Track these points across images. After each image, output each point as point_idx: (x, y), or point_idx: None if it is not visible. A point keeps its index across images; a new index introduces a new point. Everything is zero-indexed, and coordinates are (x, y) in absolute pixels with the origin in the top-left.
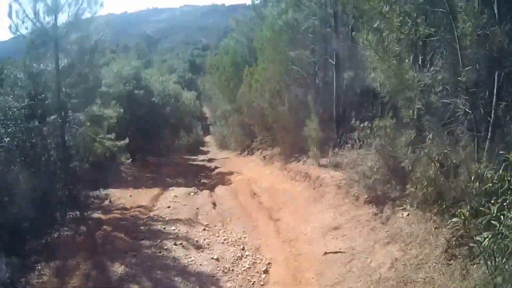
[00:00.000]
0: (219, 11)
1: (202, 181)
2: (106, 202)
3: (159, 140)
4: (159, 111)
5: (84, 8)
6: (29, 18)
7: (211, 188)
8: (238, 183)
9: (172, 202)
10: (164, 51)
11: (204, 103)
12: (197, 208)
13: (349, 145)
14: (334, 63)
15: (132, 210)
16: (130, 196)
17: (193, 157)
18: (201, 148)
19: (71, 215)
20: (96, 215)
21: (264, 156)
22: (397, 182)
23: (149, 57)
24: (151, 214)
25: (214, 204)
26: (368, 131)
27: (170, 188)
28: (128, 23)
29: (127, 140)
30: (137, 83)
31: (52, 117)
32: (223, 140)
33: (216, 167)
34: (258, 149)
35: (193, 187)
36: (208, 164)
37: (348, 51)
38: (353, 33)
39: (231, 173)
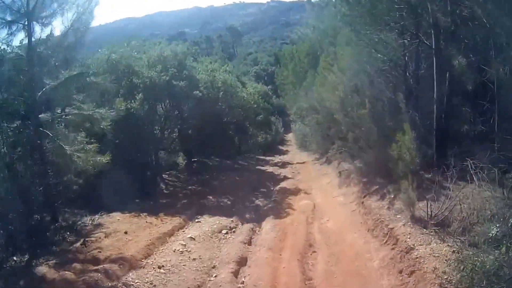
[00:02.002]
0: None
1: (256, 202)
2: (78, 244)
3: (224, 140)
4: (208, 106)
5: None
6: None
7: (260, 220)
8: (298, 216)
9: (178, 252)
10: (250, 45)
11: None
12: (213, 268)
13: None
14: (433, 46)
15: (103, 265)
16: (126, 233)
17: (268, 158)
18: (280, 147)
19: (14, 262)
20: (44, 269)
21: (340, 172)
22: None
23: (233, 49)
24: (125, 279)
25: (241, 264)
26: None
27: (198, 219)
28: (214, 17)
29: (108, 156)
30: (179, 72)
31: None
32: (304, 139)
33: (284, 177)
34: (336, 159)
35: (234, 217)
36: (278, 172)
37: (455, 25)
38: None
39: (297, 191)
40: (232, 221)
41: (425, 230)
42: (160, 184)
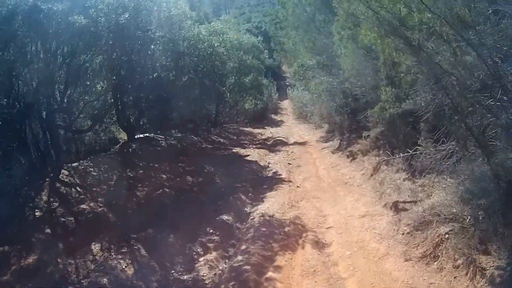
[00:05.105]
0: None
1: (198, 268)
2: None
3: (186, 108)
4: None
5: None
6: None
7: None
8: None
9: None
10: (244, 7)
11: (280, 57)
12: None
13: None
14: None
15: None
16: None
17: (256, 131)
18: (273, 116)
19: None
20: None
21: (395, 205)
22: None
23: (224, 10)
24: None
25: None
26: None
27: None
28: None
29: None
30: None
31: None
32: (303, 109)
33: (274, 178)
34: (368, 155)
35: None
36: (265, 161)
37: None
38: None
39: (297, 233)
40: None
41: None
42: (40, 195)
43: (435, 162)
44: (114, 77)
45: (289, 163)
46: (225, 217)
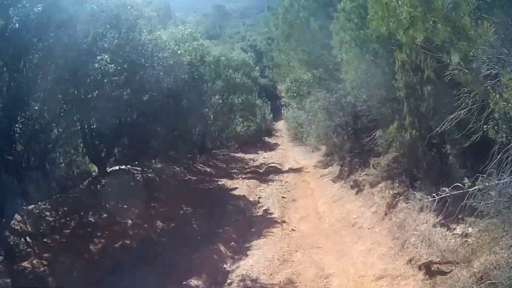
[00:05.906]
0: None
1: None
2: None
3: (167, 135)
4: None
5: None
6: None
7: None
8: None
9: None
10: (239, 26)
11: (273, 74)
12: None
13: None
14: None
15: None
16: None
17: (248, 157)
18: (267, 139)
19: None
20: None
21: (426, 266)
22: None
23: (219, 30)
24: None
25: None
26: None
27: None
28: None
29: None
30: None
31: None
32: (298, 129)
33: (266, 215)
34: (375, 185)
35: None
36: (255, 194)
37: None
38: None
39: None
40: None
41: None
42: None
43: (491, 205)
44: (69, 98)
45: (283, 197)
46: (194, 282)
